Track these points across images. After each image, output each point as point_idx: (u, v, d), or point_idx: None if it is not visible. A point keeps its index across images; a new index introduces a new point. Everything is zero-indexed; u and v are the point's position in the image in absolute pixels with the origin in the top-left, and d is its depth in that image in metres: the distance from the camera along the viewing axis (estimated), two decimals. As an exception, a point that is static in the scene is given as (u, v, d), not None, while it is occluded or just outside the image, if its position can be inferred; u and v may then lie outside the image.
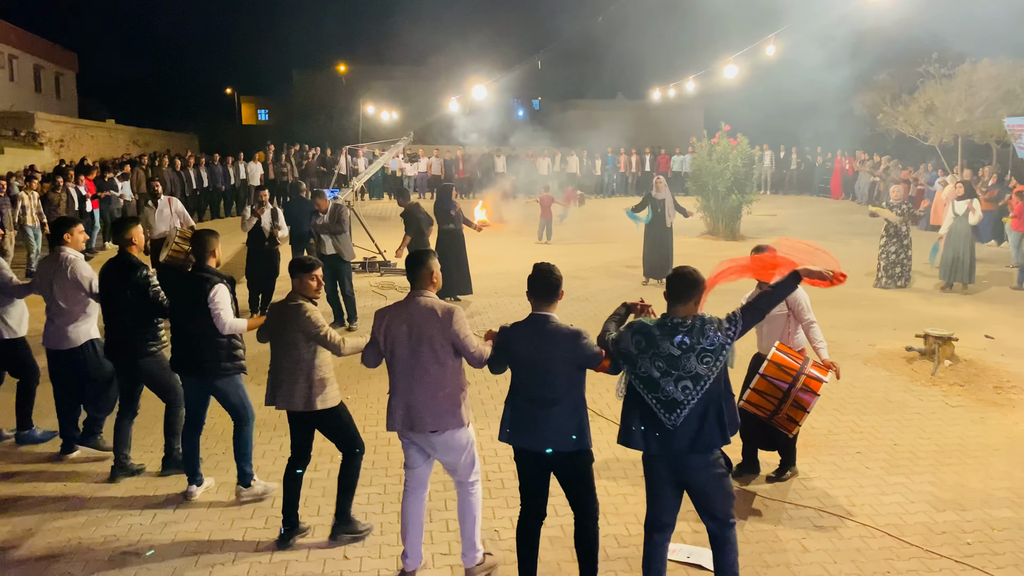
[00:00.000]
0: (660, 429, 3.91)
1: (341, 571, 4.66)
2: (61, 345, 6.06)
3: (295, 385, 4.76)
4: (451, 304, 4.39)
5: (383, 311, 4.46)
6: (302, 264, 4.91)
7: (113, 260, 5.82)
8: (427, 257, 4.50)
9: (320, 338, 4.73)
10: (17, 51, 34.50)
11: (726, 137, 18.30)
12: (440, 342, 4.25)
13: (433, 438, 4.33)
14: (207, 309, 5.17)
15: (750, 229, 18.95)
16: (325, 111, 40.40)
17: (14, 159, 21.34)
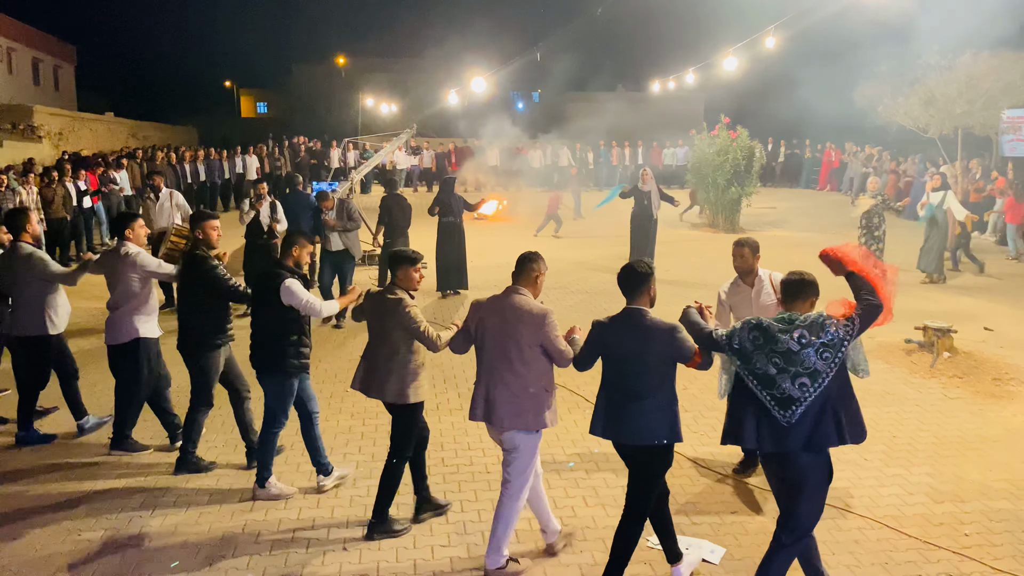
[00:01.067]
0: (774, 426, 3.90)
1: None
2: (117, 339, 6.04)
3: (389, 376, 4.77)
4: (545, 306, 4.43)
5: (479, 303, 4.57)
6: (407, 256, 4.88)
7: (184, 256, 5.95)
8: (536, 257, 4.60)
9: (419, 334, 4.72)
10: (15, 44, 34.39)
11: (726, 129, 18.28)
12: (528, 342, 4.32)
13: (507, 435, 4.40)
14: (275, 305, 5.17)
15: (749, 222, 18.95)
16: (324, 104, 40.34)
17: (13, 152, 21.27)
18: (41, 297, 6.33)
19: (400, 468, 4.92)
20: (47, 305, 6.34)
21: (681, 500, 5.44)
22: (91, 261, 6.38)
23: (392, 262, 4.90)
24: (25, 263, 6.31)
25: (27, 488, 5.65)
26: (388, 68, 44.05)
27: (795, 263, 4.54)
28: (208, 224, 5.87)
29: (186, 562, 4.70)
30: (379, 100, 35.51)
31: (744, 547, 4.87)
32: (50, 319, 6.36)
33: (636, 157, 30.32)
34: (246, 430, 5.97)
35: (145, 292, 6.08)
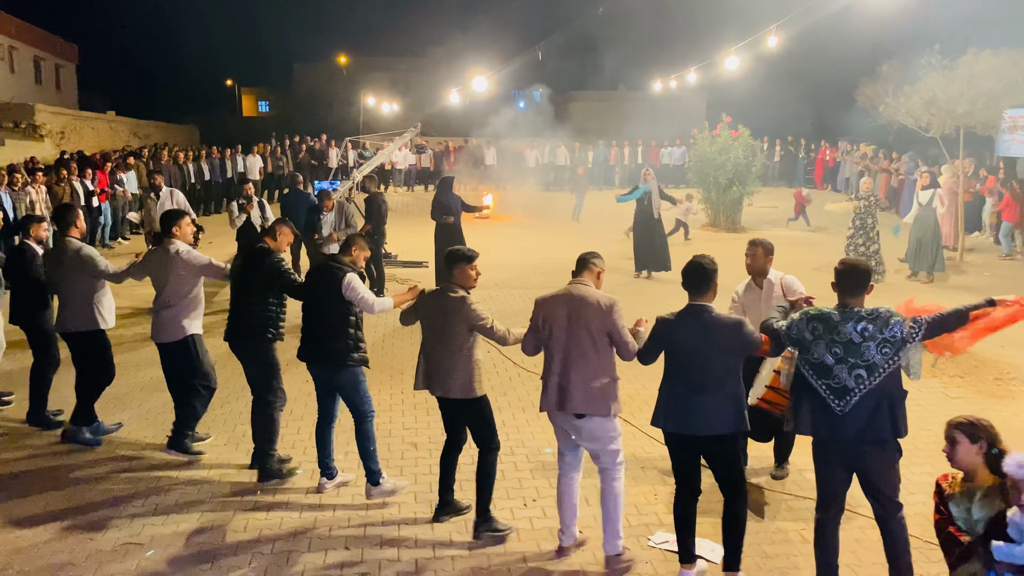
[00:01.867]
0: (829, 415, 4.02)
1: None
2: (165, 338, 6.01)
3: (453, 372, 4.81)
4: (611, 296, 4.55)
5: (543, 299, 4.69)
6: (463, 254, 4.93)
7: (247, 246, 5.94)
8: (595, 254, 4.79)
9: (487, 330, 4.80)
10: (17, 42, 34.39)
11: (727, 128, 18.28)
12: (598, 330, 4.45)
13: (579, 423, 4.51)
14: (335, 298, 5.19)
15: (751, 221, 18.96)
16: (326, 103, 40.30)
17: (15, 151, 21.29)
18: (90, 293, 6.30)
19: (493, 461, 4.92)
20: (96, 301, 6.32)
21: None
22: (137, 263, 6.33)
23: (449, 260, 4.94)
24: (75, 259, 6.27)
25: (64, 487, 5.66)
26: (389, 67, 44.07)
27: (798, 263, 4.57)
28: (283, 229, 5.87)
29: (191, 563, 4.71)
30: (380, 99, 35.51)
31: (745, 546, 4.85)
32: (99, 314, 6.34)
33: (635, 156, 30.32)
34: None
35: (196, 289, 6.05)
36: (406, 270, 13.45)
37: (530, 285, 12.34)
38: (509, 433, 6.52)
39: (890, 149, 24.96)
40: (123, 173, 17.33)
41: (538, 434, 6.47)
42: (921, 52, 15.42)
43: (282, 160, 25.39)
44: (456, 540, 4.92)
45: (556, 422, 4.67)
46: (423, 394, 7.12)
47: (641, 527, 5.10)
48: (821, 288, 4.61)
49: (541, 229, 18.82)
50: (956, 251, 14.96)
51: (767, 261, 5.69)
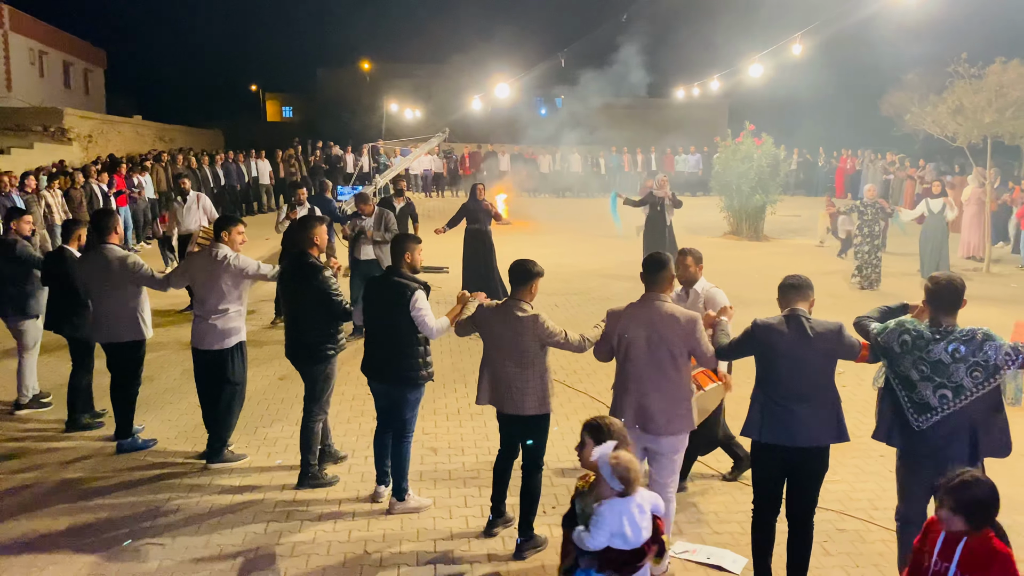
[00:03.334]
0: (907, 428, 3.96)
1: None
2: (210, 345, 5.85)
3: (527, 390, 4.70)
4: (692, 312, 4.45)
5: (617, 312, 4.55)
6: (536, 271, 4.79)
7: (294, 259, 5.64)
8: (667, 260, 4.55)
9: (562, 344, 4.70)
10: (47, 47, 34.96)
11: (750, 136, 18.20)
12: (680, 349, 4.36)
13: (662, 439, 4.42)
14: (404, 314, 5.02)
15: (774, 229, 18.84)
16: (349, 108, 40.54)
17: (44, 154, 21.61)
18: (134, 301, 6.13)
19: (540, 479, 4.86)
20: (139, 309, 6.16)
21: (704, 509, 5.42)
22: (175, 270, 6.19)
23: (522, 276, 4.78)
24: (120, 267, 6.08)
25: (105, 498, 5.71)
26: (412, 73, 44.25)
27: (821, 273, 4.53)
28: (320, 230, 5.65)
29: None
30: (403, 105, 35.70)
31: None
32: (143, 322, 6.19)
33: (649, 163, 30.29)
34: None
35: (243, 296, 5.93)
36: (426, 276, 13.45)
37: (549, 291, 12.30)
38: (554, 440, 6.36)
39: (915, 158, 24.77)
40: (139, 176, 17.41)
41: (558, 442, 6.45)
42: (948, 61, 15.28)
43: (295, 166, 25.47)
44: (475, 547, 4.92)
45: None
46: (444, 400, 7.14)
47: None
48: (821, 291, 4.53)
49: (555, 235, 18.84)
50: (983, 261, 14.80)
51: (697, 270, 5.57)
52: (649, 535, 3.23)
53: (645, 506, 3.27)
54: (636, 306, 4.51)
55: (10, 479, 5.81)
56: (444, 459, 6.20)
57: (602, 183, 30.37)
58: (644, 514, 3.24)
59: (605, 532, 3.17)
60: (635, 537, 3.18)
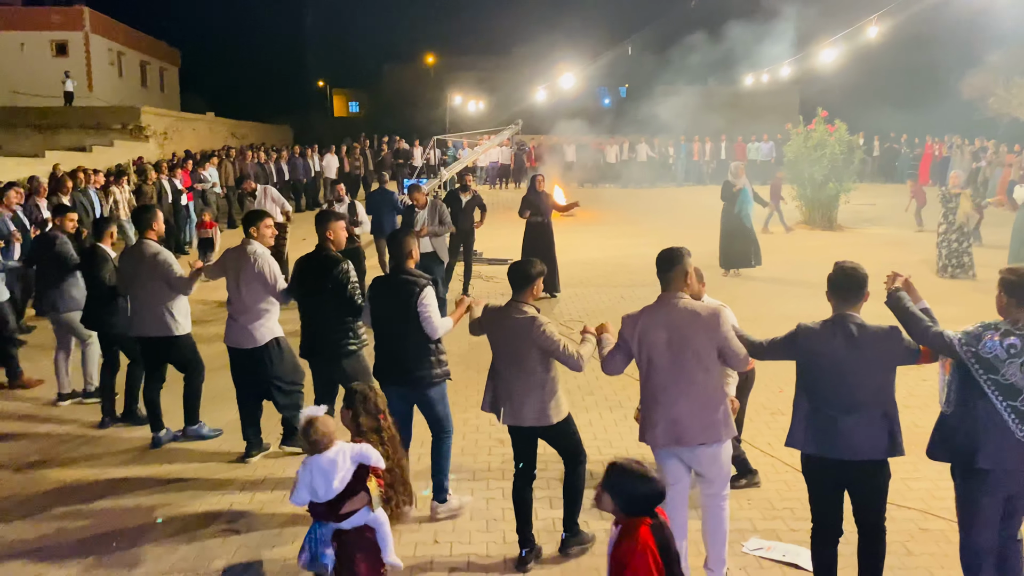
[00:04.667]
0: (1005, 439, 3.63)
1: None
2: (243, 343, 5.78)
3: (525, 399, 4.42)
4: (714, 304, 4.13)
5: (633, 316, 4.18)
6: (530, 273, 4.52)
7: (311, 254, 5.55)
8: (681, 255, 4.16)
9: (559, 354, 4.37)
10: (125, 48, 36.26)
11: (823, 123, 17.68)
12: (706, 348, 4.00)
13: (700, 450, 4.08)
14: (414, 313, 4.83)
15: (847, 218, 18.28)
16: (413, 103, 41.00)
17: (123, 151, 22.44)
18: (162, 297, 6.12)
19: (583, 472, 4.60)
20: (168, 305, 6.14)
21: (779, 505, 5.27)
22: (202, 269, 6.16)
23: (519, 276, 4.54)
24: (152, 263, 6.11)
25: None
26: (475, 66, 44.47)
27: (898, 263, 4.30)
28: (336, 224, 5.56)
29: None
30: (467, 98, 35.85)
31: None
32: (172, 318, 6.16)
33: (719, 152, 29.74)
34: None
35: (271, 292, 5.82)
36: (491, 267, 13.50)
37: (616, 283, 12.21)
38: (596, 433, 6.44)
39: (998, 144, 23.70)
40: (203, 171, 17.65)
41: (626, 434, 6.36)
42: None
43: (359, 160, 25.74)
44: (475, 540, 4.86)
45: (668, 451, 4.16)
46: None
47: (735, 532, 4.93)
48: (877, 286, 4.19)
49: (623, 226, 18.65)
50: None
51: (700, 288, 5.25)
52: (343, 487, 3.49)
53: (339, 461, 3.52)
54: (652, 308, 4.16)
55: (49, 475, 5.92)
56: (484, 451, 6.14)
57: (670, 173, 29.99)
58: (337, 468, 3.49)
59: (302, 489, 3.52)
60: (324, 492, 3.48)
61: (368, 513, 3.58)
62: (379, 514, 3.66)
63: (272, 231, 6.10)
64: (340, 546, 3.56)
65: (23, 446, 6.39)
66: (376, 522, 3.63)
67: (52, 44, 32.55)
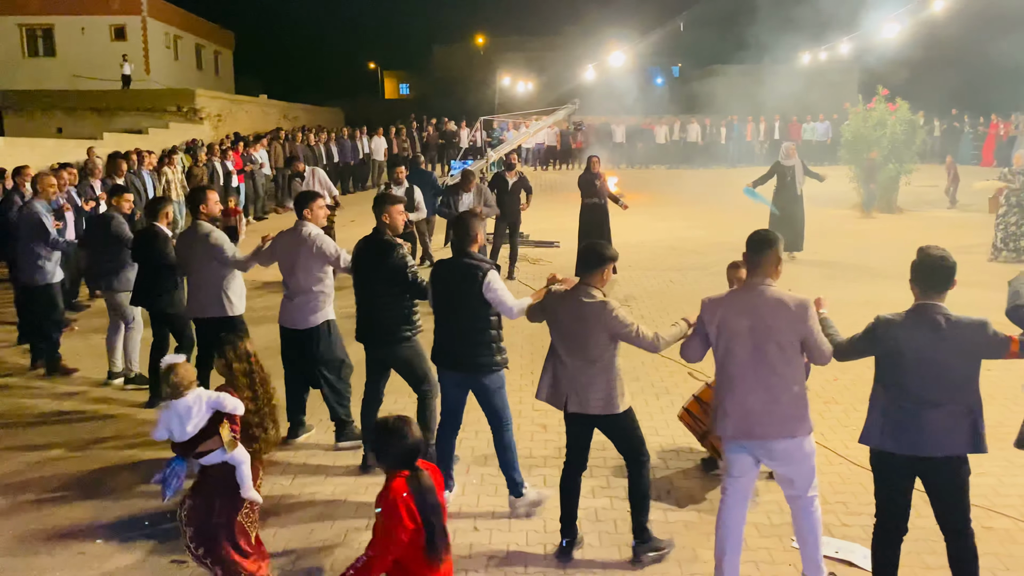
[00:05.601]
0: None
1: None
2: (296, 324, 5.75)
3: (591, 386, 4.26)
4: (801, 296, 3.92)
5: (714, 301, 4.01)
6: (608, 255, 4.36)
7: (368, 238, 5.44)
8: (774, 239, 3.95)
9: (634, 338, 4.20)
10: (181, 32, 36.86)
11: (884, 102, 17.06)
12: (790, 339, 3.83)
13: (774, 445, 3.90)
14: (476, 299, 4.69)
15: (908, 201, 17.68)
16: (463, 84, 40.94)
17: (178, 133, 22.84)
18: (218, 277, 6.10)
19: (647, 473, 4.41)
20: (224, 286, 6.12)
21: (831, 500, 5.07)
22: (265, 247, 6.06)
23: (591, 261, 4.34)
24: (204, 243, 6.11)
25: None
26: (525, 47, 44.18)
27: (960, 246, 4.05)
28: (394, 208, 5.40)
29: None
30: (515, 79, 35.65)
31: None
32: (227, 299, 6.13)
33: (772, 132, 29.02)
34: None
35: (329, 274, 5.81)
36: (538, 250, 13.39)
37: (666, 267, 12.00)
38: (643, 420, 6.25)
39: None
40: (254, 151, 17.77)
41: (673, 422, 6.21)
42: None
43: (407, 142, 25.68)
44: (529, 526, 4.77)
45: (738, 444, 3.99)
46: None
47: (784, 526, 4.77)
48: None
49: (672, 207, 18.32)
50: None
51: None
52: (196, 432, 3.79)
53: (195, 408, 3.82)
54: (737, 293, 3.99)
55: (105, 455, 5.98)
56: (554, 436, 6.05)
57: (722, 152, 29.40)
58: (192, 414, 3.79)
59: (161, 427, 3.84)
60: (179, 434, 3.81)
61: (224, 453, 3.84)
62: (238, 453, 3.87)
63: (325, 211, 6.05)
64: (203, 480, 3.92)
65: (80, 427, 6.46)
66: (235, 460, 3.87)
67: (111, 28, 33.23)
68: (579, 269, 4.40)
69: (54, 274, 7.67)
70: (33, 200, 7.67)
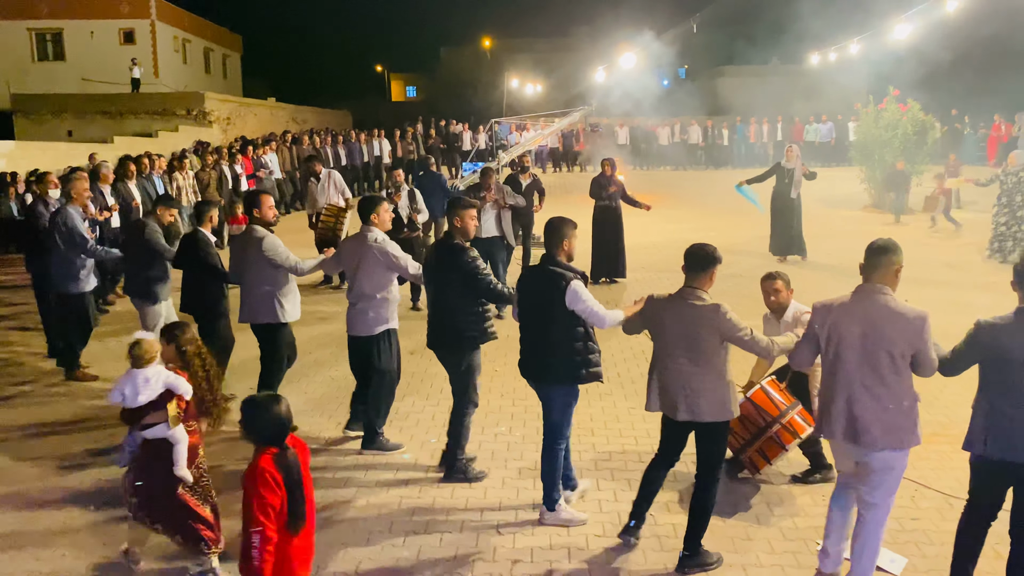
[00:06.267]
0: None
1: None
2: (358, 331, 5.70)
3: (703, 392, 4.18)
4: (919, 308, 3.87)
5: (826, 306, 3.97)
6: (711, 256, 4.30)
7: (439, 243, 5.42)
8: (894, 247, 3.91)
9: (746, 342, 4.15)
10: (190, 35, 37.01)
11: (895, 102, 17.00)
12: (903, 351, 3.77)
13: (876, 454, 3.85)
14: (558, 309, 4.56)
15: (919, 202, 17.59)
16: (471, 86, 40.92)
17: (188, 136, 22.92)
18: (270, 283, 6.00)
19: (714, 490, 4.36)
20: (278, 292, 6.03)
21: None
22: (330, 257, 6.03)
23: (700, 263, 4.29)
24: (258, 248, 5.99)
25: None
26: (532, 49, 44.21)
27: (958, 245, 4.00)
28: (466, 213, 5.29)
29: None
30: (524, 81, 35.64)
31: (928, 558, 4.45)
32: (280, 306, 6.04)
33: (775, 134, 28.93)
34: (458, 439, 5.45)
35: (394, 282, 5.71)
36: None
37: (677, 268, 11.87)
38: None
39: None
40: (264, 155, 17.56)
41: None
42: None
43: (412, 145, 25.58)
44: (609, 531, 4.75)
45: (839, 447, 4.09)
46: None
47: (811, 530, 4.75)
48: (929, 267, 3.99)
49: (682, 209, 18.27)
50: None
51: (788, 294, 5.14)
52: (147, 402, 4.11)
53: (152, 382, 4.15)
54: (848, 299, 3.92)
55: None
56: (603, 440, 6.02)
57: (725, 155, 29.35)
58: (148, 386, 4.13)
59: (116, 392, 4.16)
60: (131, 400, 4.11)
61: (167, 429, 4.15)
62: (178, 431, 4.19)
63: (390, 215, 5.94)
64: (145, 451, 4.22)
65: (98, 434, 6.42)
66: (174, 438, 4.18)
67: (120, 32, 33.38)
68: (687, 272, 4.33)
69: (88, 282, 7.50)
70: (67, 207, 7.36)
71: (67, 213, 7.29)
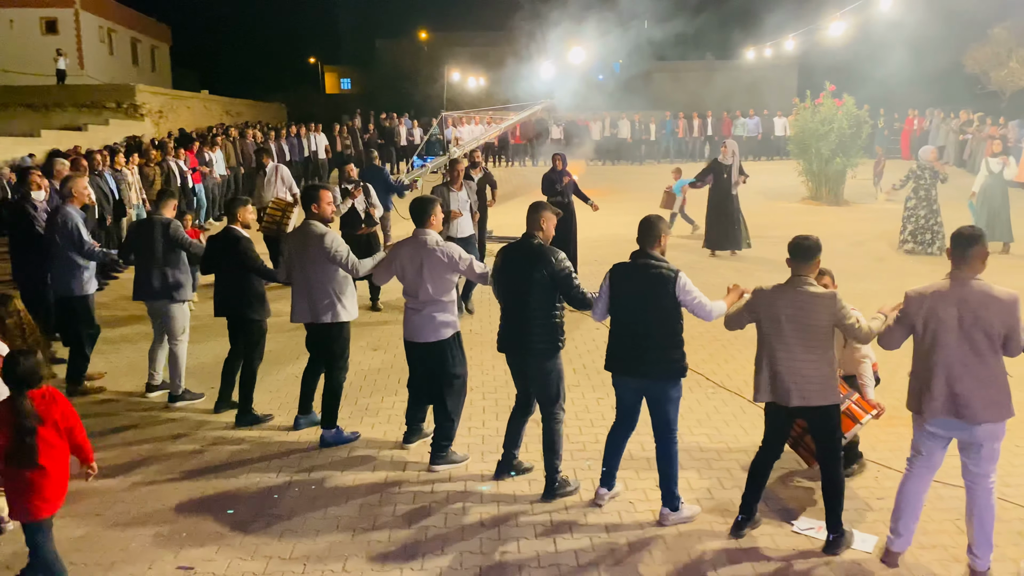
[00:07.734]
0: None
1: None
2: (426, 337, 5.42)
3: (814, 378, 4.37)
4: (1012, 290, 4.06)
5: (921, 293, 4.17)
6: (816, 246, 4.42)
7: (517, 245, 5.11)
8: (980, 234, 4.14)
9: (855, 329, 4.36)
10: (116, 25, 35.73)
11: (831, 98, 17.59)
12: (998, 331, 4.03)
13: (978, 428, 4.10)
14: (668, 302, 4.56)
15: (854, 194, 18.25)
16: (409, 79, 40.55)
17: (119, 130, 22.12)
18: (330, 281, 5.80)
19: (840, 469, 4.51)
20: (338, 290, 5.83)
21: (875, 506, 5.08)
22: (385, 257, 5.75)
23: (802, 252, 4.42)
24: (319, 245, 5.75)
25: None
26: (470, 42, 44.00)
27: (878, 236, 4.18)
28: (550, 215, 5.10)
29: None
30: (465, 74, 35.51)
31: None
32: (341, 305, 5.85)
33: (705, 128, 29.53)
34: (514, 441, 5.39)
35: (453, 285, 5.51)
36: (502, 245, 13.34)
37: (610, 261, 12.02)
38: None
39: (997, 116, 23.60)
40: (210, 152, 16.99)
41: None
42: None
43: (348, 139, 25.12)
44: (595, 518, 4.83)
45: (931, 428, 4.23)
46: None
47: (782, 512, 4.91)
48: (850, 263, 4.17)
49: (625, 203, 18.44)
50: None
51: (835, 288, 5.26)
52: None
53: None
54: (942, 285, 4.14)
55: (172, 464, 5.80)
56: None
57: (652, 149, 29.82)
58: None
59: None
60: None
61: None
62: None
63: (441, 215, 5.64)
64: None
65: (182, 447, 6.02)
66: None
67: (42, 22, 32.02)
68: (793, 263, 4.46)
69: (92, 283, 7.15)
70: (66, 206, 6.99)
71: (66, 212, 6.93)
